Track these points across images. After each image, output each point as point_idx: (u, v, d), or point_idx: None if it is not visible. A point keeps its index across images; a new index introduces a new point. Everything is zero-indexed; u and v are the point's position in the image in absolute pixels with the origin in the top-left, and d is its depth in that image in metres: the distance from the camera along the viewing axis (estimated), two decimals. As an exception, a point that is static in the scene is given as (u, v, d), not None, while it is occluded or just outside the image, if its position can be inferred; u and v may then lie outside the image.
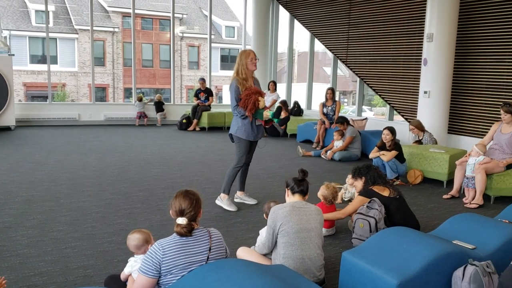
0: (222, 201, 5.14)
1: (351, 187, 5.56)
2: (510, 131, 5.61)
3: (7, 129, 10.34)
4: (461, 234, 3.37)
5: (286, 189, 3.37)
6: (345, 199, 5.55)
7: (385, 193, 4.19)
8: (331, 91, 9.47)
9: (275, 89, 11.38)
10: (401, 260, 2.83)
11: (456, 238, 3.27)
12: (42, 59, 26.51)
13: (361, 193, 4.33)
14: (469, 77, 8.23)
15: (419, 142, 7.32)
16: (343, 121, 8.29)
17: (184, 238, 2.47)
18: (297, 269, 2.99)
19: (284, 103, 10.89)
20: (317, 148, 9.02)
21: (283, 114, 10.46)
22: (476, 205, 5.45)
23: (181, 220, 2.47)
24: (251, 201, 5.30)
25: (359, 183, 4.46)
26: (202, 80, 11.89)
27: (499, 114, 5.90)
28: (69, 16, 28.22)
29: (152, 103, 12.51)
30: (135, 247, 2.79)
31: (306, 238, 3.08)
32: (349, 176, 5.58)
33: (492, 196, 5.66)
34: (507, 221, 3.84)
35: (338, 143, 8.15)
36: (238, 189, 5.37)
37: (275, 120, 4.97)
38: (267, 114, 4.89)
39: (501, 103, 5.97)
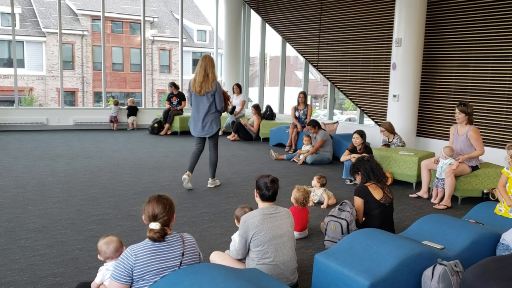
0: (214, 182, 6.21)
1: (318, 189, 5.61)
2: (465, 131, 5.77)
3: (-29, 134, 10.03)
4: (430, 234, 3.45)
5: (256, 191, 3.27)
6: (315, 201, 5.59)
7: (378, 195, 4.14)
8: (303, 95, 9.55)
9: (240, 92, 11.57)
10: (372, 261, 2.87)
11: (425, 238, 3.35)
12: (8, 63, 25.83)
13: (356, 192, 4.29)
14: (436, 81, 8.44)
15: (387, 145, 7.46)
16: (315, 124, 8.36)
17: (157, 243, 2.44)
18: (271, 274, 2.99)
19: (257, 107, 10.94)
20: (290, 152, 9.07)
21: (256, 119, 10.60)
22: (445, 206, 5.58)
23: (154, 225, 2.44)
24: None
25: (359, 178, 4.42)
26: (173, 85, 11.80)
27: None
28: (36, 19, 27.61)
29: (125, 107, 12.36)
30: (115, 249, 2.73)
31: (280, 244, 3.08)
32: (315, 178, 5.63)
33: (459, 197, 5.81)
34: (473, 221, 3.95)
35: (307, 148, 8.19)
36: (190, 170, 6.06)
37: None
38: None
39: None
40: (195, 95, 5.82)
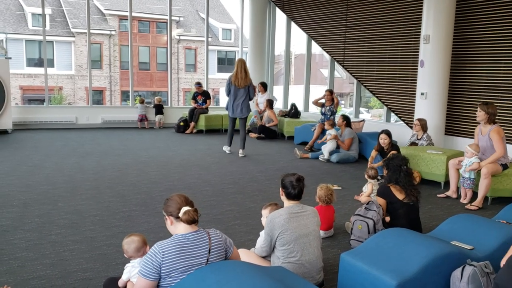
0: (244, 152, 8.25)
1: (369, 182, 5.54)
2: (487, 131, 5.62)
3: (4, 132, 10.30)
4: (459, 234, 3.39)
5: (282, 190, 3.28)
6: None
7: (400, 196, 4.14)
8: (329, 92, 9.56)
9: (265, 90, 11.60)
10: (399, 261, 2.84)
11: (454, 238, 3.29)
12: (38, 62, 26.46)
13: (378, 193, 4.36)
14: (465, 78, 8.26)
15: (415, 143, 7.34)
16: (345, 119, 8.37)
17: (184, 240, 2.47)
18: (297, 273, 2.98)
19: (269, 101, 10.94)
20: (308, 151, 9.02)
21: (270, 113, 10.63)
22: (476, 207, 5.43)
23: (186, 208, 2.55)
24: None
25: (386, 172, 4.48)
26: (198, 85, 11.90)
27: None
28: (65, 19, 28.20)
29: (152, 105, 12.54)
30: (136, 249, 2.77)
31: (306, 243, 3.07)
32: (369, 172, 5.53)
33: (489, 197, 5.68)
34: (504, 222, 3.85)
35: (331, 131, 8.28)
36: (229, 145, 8.57)
37: None
38: None
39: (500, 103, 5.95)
40: (235, 87, 8.02)
